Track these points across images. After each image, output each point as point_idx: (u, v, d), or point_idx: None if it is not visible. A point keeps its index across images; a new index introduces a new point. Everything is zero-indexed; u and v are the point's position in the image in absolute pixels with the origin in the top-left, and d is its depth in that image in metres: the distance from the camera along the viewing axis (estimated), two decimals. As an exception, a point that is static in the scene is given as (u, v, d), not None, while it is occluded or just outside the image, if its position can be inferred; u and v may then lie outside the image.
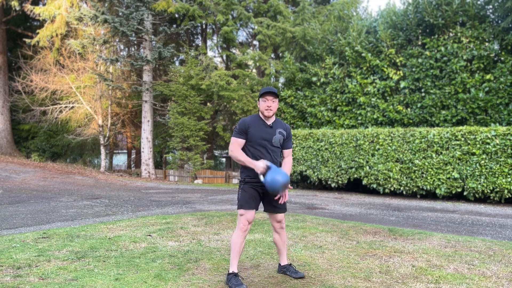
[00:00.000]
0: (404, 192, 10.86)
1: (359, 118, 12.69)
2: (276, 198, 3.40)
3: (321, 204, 9.34)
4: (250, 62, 19.07)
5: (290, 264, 3.65)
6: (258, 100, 3.47)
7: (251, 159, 3.36)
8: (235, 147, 3.41)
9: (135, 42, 19.58)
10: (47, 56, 19.69)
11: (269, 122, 3.46)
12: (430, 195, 10.98)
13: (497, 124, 10.48)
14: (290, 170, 3.57)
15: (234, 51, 21.68)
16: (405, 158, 10.66)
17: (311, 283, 3.39)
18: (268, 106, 3.38)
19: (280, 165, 3.59)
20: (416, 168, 10.49)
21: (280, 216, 3.53)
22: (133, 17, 16.53)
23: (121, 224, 6.00)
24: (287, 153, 3.60)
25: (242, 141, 3.41)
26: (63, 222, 6.34)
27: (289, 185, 3.38)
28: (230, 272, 3.32)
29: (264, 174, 3.28)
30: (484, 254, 4.41)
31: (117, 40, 18.79)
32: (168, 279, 3.39)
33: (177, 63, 21.84)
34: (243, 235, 3.35)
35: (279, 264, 3.68)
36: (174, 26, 19.49)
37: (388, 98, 12.32)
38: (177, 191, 12.14)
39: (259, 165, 3.28)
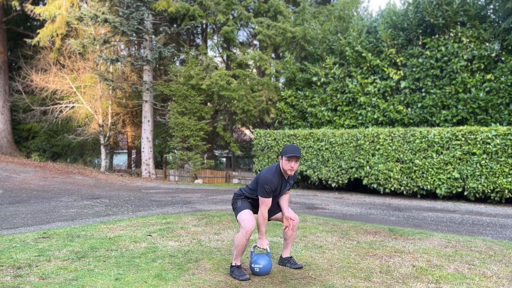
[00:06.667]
0: (404, 192, 10.85)
1: (360, 118, 12.68)
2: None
3: (322, 204, 9.33)
4: (251, 62, 19.04)
5: (291, 257, 3.88)
6: (281, 156, 3.62)
7: (264, 233, 3.58)
8: (266, 210, 3.58)
9: (136, 42, 19.58)
10: (48, 56, 19.68)
11: (287, 177, 3.68)
12: (431, 195, 10.97)
13: (498, 124, 10.47)
14: (288, 202, 3.86)
15: (234, 51, 21.66)
16: (406, 158, 10.66)
17: (312, 283, 3.38)
18: (292, 167, 3.56)
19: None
20: (416, 168, 10.48)
21: (292, 212, 3.83)
22: (133, 17, 16.52)
23: (122, 224, 6.00)
24: (287, 191, 3.87)
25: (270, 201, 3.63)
26: (64, 222, 6.34)
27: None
28: (233, 264, 3.53)
29: (255, 250, 3.65)
30: (485, 254, 4.40)
31: (117, 40, 18.78)
32: (168, 279, 3.39)
33: (177, 63, 21.82)
34: (248, 237, 3.52)
35: (281, 257, 3.91)
36: (175, 26, 19.48)
37: (388, 98, 12.31)
38: (178, 191, 12.14)
39: (265, 243, 3.55)
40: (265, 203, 3.54)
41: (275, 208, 3.78)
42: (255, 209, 3.69)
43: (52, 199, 9.48)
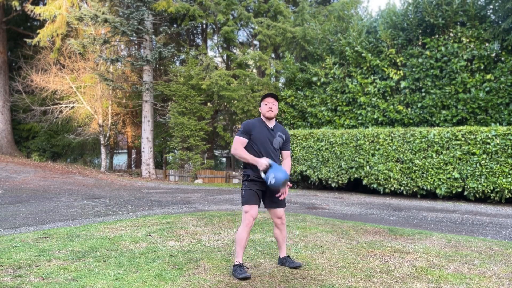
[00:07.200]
0: (404, 192, 10.85)
1: (360, 118, 12.68)
2: (278, 195, 3.66)
3: (322, 204, 9.34)
4: (251, 62, 19.06)
5: (288, 256, 3.92)
6: (260, 105, 3.76)
7: (254, 156, 3.61)
8: (238, 145, 3.65)
9: (136, 42, 19.59)
10: (48, 56, 19.69)
11: (271, 125, 3.74)
12: (431, 195, 10.98)
13: (498, 124, 10.47)
14: (289, 170, 3.81)
15: (234, 51, 21.67)
16: (406, 158, 10.66)
17: (312, 283, 3.39)
18: (269, 108, 3.68)
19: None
20: (416, 168, 10.48)
21: (280, 211, 3.77)
22: (134, 17, 16.53)
23: (122, 224, 6.00)
24: (286, 154, 3.89)
25: (244, 141, 3.66)
26: (64, 222, 6.34)
27: (288, 183, 3.63)
28: (235, 263, 3.58)
29: (265, 171, 3.53)
30: (485, 254, 4.40)
31: (117, 40, 18.79)
32: (168, 279, 3.39)
33: (177, 63, 21.83)
34: (248, 230, 3.59)
35: (279, 257, 3.96)
36: (175, 26, 19.50)
37: (388, 98, 12.32)
38: (178, 191, 12.14)
39: (262, 161, 3.53)
40: (238, 140, 3.63)
41: (273, 199, 3.73)
42: (259, 190, 3.66)
43: (52, 199, 9.49)
